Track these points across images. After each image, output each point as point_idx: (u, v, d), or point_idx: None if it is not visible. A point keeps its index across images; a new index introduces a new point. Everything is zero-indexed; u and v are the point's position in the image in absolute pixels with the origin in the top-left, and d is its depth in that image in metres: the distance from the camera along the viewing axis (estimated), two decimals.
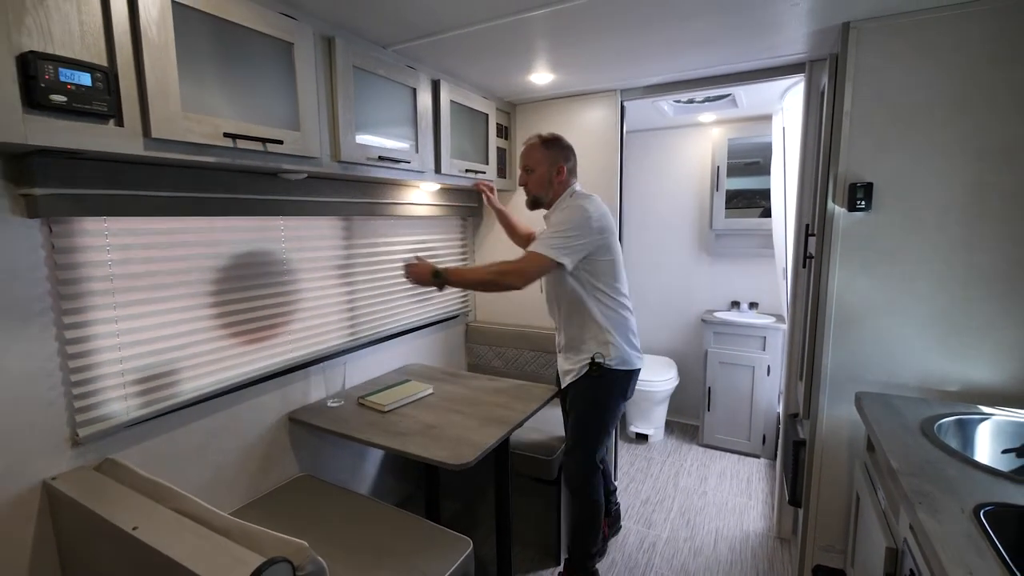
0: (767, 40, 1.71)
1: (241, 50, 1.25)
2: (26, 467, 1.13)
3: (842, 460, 1.63)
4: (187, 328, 1.43)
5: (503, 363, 2.65)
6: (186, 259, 1.42)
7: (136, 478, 1.16)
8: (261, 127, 1.29)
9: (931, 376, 1.48)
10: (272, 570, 0.78)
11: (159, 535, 0.92)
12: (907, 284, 1.49)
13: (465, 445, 1.47)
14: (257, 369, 1.63)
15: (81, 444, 1.22)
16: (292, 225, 1.75)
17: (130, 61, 1.02)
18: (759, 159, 3.07)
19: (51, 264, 1.14)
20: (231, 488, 1.58)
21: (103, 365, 1.25)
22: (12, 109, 0.86)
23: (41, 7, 0.89)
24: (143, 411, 1.33)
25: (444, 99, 2.00)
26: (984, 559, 0.70)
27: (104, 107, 0.96)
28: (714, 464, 2.88)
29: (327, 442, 1.91)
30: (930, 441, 1.08)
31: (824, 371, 1.61)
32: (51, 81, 0.89)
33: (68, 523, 1.14)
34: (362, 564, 1.29)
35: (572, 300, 1.70)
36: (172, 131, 1.08)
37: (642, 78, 2.18)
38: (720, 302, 3.31)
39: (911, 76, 1.44)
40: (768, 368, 2.86)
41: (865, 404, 1.35)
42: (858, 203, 1.51)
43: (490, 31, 1.61)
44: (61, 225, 1.15)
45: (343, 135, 1.55)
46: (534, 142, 1.75)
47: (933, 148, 1.43)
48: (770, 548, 2.12)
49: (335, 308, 1.94)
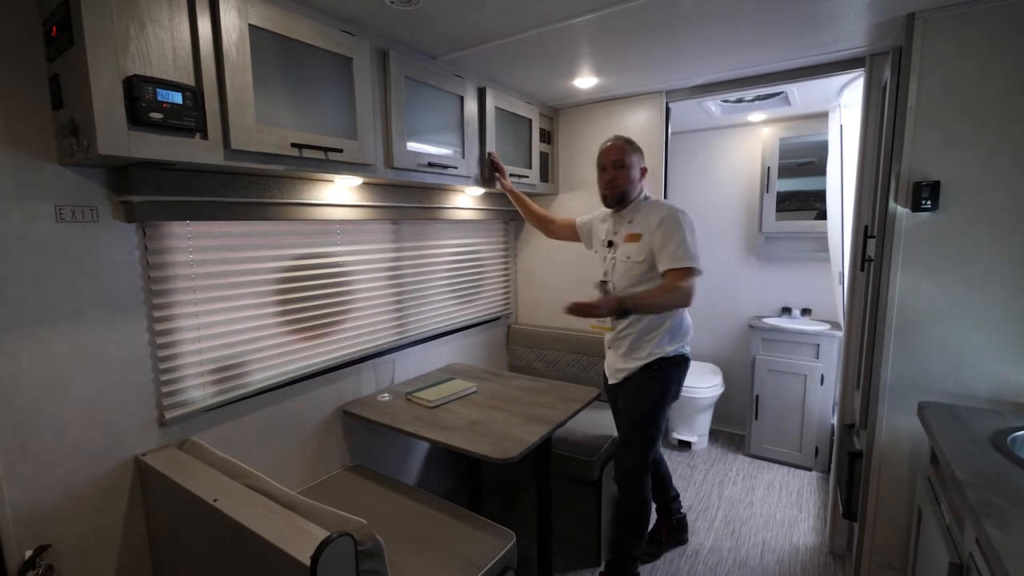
0: (823, 35, 1.66)
1: (306, 66, 1.35)
2: (121, 443, 1.27)
3: (902, 473, 1.55)
4: (255, 324, 1.56)
5: (544, 365, 2.68)
6: (254, 260, 1.55)
7: (214, 457, 1.27)
8: (323, 137, 1.39)
9: (1004, 387, 1.39)
10: (337, 542, 0.85)
11: (235, 507, 1.02)
12: (978, 288, 1.41)
13: (508, 441, 1.51)
14: (314, 364, 1.75)
15: (167, 425, 1.35)
16: (347, 229, 1.85)
17: (214, 80, 1.13)
18: (813, 159, 2.95)
19: (144, 263, 1.28)
20: (291, 472, 1.69)
21: (185, 355, 1.38)
22: (120, 127, 0.98)
23: (142, 35, 1.01)
24: (218, 398, 1.46)
25: (489, 106, 2.06)
26: None
27: (192, 122, 1.08)
28: (761, 475, 2.79)
29: (376, 434, 2.00)
30: (1002, 454, 1.03)
31: (883, 380, 1.54)
32: (150, 101, 1.00)
33: (156, 494, 1.27)
34: (410, 548, 1.36)
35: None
36: (248, 142, 1.19)
37: (688, 79, 2.17)
38: (769, 308, 3.20)
39: (984, 67, 1.37)
40: (822, 377, 2.75)
41: (929, 415, 1.29)
42: (923, 203, 1.44)
43: (535, 39, 1.65)
44: (153, 228, 1.29)
45: (396, 143, 1.63)
46: (621, 142, 1.77)
47: (1009, 143, 1.35)
48: (822, 563, 2.03)
49: (385, 308, 2.04)
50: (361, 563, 0.91)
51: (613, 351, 1.83)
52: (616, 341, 1.81)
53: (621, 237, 1.75)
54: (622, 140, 1.78)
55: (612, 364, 1.84)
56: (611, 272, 1.78)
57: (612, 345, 1.83)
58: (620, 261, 1.72)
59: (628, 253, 1.70)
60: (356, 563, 0.90)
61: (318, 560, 0.82)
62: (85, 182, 1.15)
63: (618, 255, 1.74)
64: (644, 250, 1.66)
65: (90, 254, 1.17)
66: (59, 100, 1.03)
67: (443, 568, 1.29)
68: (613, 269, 1.76)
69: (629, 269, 1.70)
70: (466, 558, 1.32)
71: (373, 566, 0.93)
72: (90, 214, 1.16)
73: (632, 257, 1.68)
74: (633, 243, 1.69)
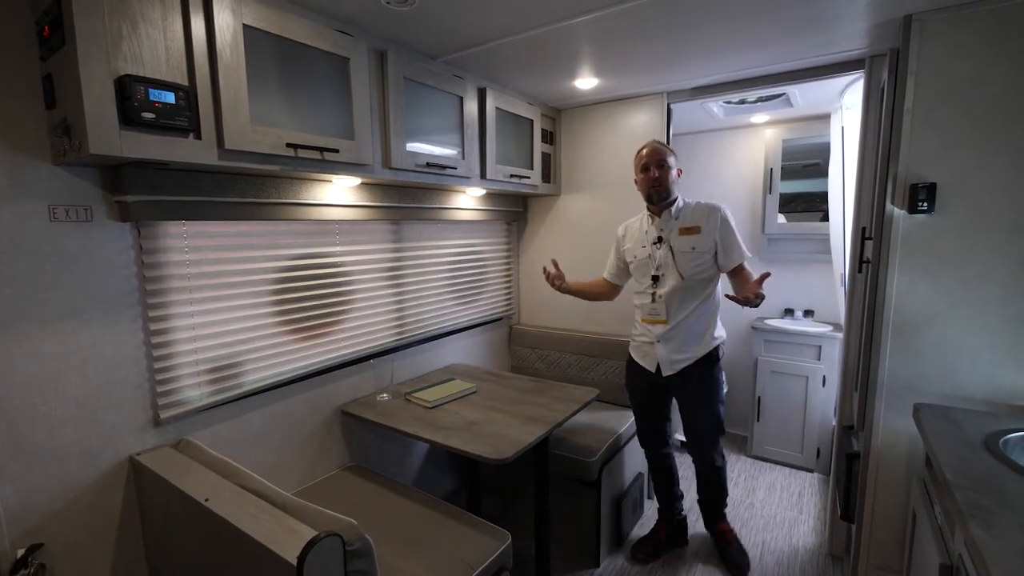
0: (823, 36, 1.65)
1: (301, 66, 1.36)
2: (116, 442, 1.27)
3: (899, 475, 1.54)
4: (251, 324, 1.56)
5: (546, 366, 2.68)
6: (251, 260, 1.55)
7: (208, 457, 1.28)
8: (319, 137, 1.39)
9: (1000, 389, 1.38)
10: (324, 542, 0.85)
11: (226, 507, 1.02)
12: (974, 290, 1.40)
13: (504, 441, 1.51)
14: (312, 364, 1.75)
15: (162, 425, 1.35)
16: (346, 229, 1.86)
17: (207, 80, 1.14)
18: (818, 161, 2.94)
19: (139, 263, 1.28)
20: (289, 472, 1.69)
21: (181, 355, 1.39)
22: (111, 127, 0.99)
23: (135, 35, 1.01)
24: (214, 398, 1.46)
25: (490, 106, 2.06)
26: None
27: (185, 122, 1.08)
28: (763, 476, 2.77)
29: (376, 435, 2.00)
30: (993, 456, 1.02)
31: (880, 381, 1.54)
32: (142, 100, 1.01)
33: (150, 494, 1.27)
34: (405, 548, 1.36)
35: (708, 293, 1.87)
36: (242, 142, 1.20)
37: (689, 80, 2.16)
38: (772, 309, 3.19)
39: (980, 69, 1.36)
40: (823, 379, 2.73)
41: (923, 416, 1.28)
42: (920, 205, 1.43)
43: (535, 39, 1.65)
44: (148, 228, 1.29)
45: (394, 143, 1.64)
46: (659, 145, 1.89)
47: (1006, 145, 1.34)
48: (820, 565, 2.02)
49: (385, 308, 2.04)
50: (349, 563, 0.91)
51: (663, 344, 1.89)
52: (669, 334, 1.87)
53: (674, 232, 1.86)
54: (660, 143, 1.90)
55: (666, 356, 1.89)
56: (667, 264, 1.86)
57: (663, 339, 1.88)
58: (681, 252, 1.84)
59: (692, 244, 1.83)
60: (344, 563, 0.90)
61: (304, 560, 0.82)
62: (79, 182, 1.16)
63: (677, 246, 1.84)
64: (708, 241, 1.81)
65: (84, 254, 1.18)
66: (52, 100, 1.04)
67: (437, 569, 1.29)
68: (673, 260, 1.85)
69: (695, 258, 1.82)
70: (460, 558, 1.32)
71: (362, 566, 0.93)
72: (84, 214, 1.16)
73: (697, 248, 1.82)
74: (693, 235, 1.83)
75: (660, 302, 1.86)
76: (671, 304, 1.86)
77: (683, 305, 1.85)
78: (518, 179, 2.27)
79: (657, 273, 1.87)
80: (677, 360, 1.88)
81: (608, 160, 2.50)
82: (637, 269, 1.96)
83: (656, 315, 1.88)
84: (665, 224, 1.88)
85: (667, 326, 1.86)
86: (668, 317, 1.86)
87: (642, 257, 1.93)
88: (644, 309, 1.92)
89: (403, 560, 1.32)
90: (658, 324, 1.88)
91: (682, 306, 1.85)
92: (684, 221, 1.86)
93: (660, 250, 1.87)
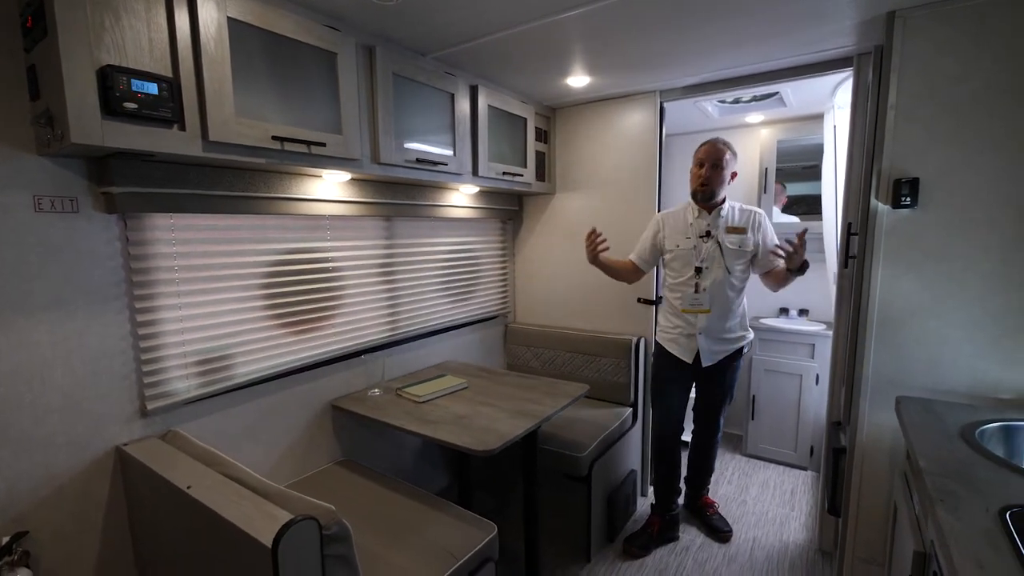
0: (811, 33, 1.66)
1: (288, 60, 1.37)
2: (103, 433, 1.28)
3: (883, 469, 1.54)
4: (240, 317, 1.57)
5: (541, 364, 2.68)
6: (240, 254, 1.56)
7: (195, 447, 1.29)
8: (306, 131, 1.40)
9: (982, 382, 1.38)
10: (300, 525, 0.86)
11: (208, 494, 1.03)
12: (956, 284, 1.40)
13: (491, 434, 1.52)
14: (303, 358, 1.76)
15: (149, 416, 1.37)
16: (337, 225, 1.87)
17: (191, 72, 1.15)
18: (818, 163, 2.92)
19: (125, 255, 1.29)
20: (279, 466, 1.70)
21: (168, 347, 1.39)
22: (93, 116, 1.00)
23: (117, 27, 1.03)
24: (202, 390, 1.47)
25: (482, 104, 2.07)
26: (999, 555, 0.67)
27: (169, 113, 1.10)
28: (756, 474, 2.78)
29: (368, 430, 2.01)
30: (968, 445, 1.03)
31: (865, 376, 1.54)
32: (124, 91, 1.02)
33: (136, 482, 1.28)
34: (390, 538, 1.37)
35: (743, 286, 2.03)
36: (227, 134, 1.21)
37: (681, 78, 2.17)
38: (767, 308, 3.19)
39: (963, 65, 1.36)
40: (817, 377, 2.74)
41: (904, 408, 1.28)
42: (903, 200, 1.44)
43: (525, 35, 1.66)
44: (134, 220, 1.30)
45: (383, 138, 1.65)
46: (721, 144, 1.97)
47: (986, 141, 1.35)
48: (810, 560, 2.03)
49: (377, 304, 2.05)
50: (327, 547, 0.91)
51: (704, 336, 2.00)
52: (712, 325, 1.99)
53: (721, 230, 1.98)
54: (722, 142, 1.98)
55: (707, 347, 2.02)
56: (714, 258, 1.97)
57: (704, 331, 1.99)
58: (729, 248, 1.96)
59: (739, 243, 1.96)
60: (321, 547, 0.90)
61: (279, 542, 0.83)
62: (65, 173, 1.17)
63: (725, 242, 1.97)
64: (751, 242, 1.97)
65: (70, 245, 1.19)
66: (36, 90, 1.05)
67: (421, 558, 1.30)
68: (721, 254, 1.96)
69: (740, 256, 1.97)
70: (445, 548, 1.33)
71: (339, 551, 0.94)
72: (70, 205, 1.17)
73: (742, 247, 1.96)
74: (739, 235, 1.97)
75: (704, 293, 1.97)
76: (715, 296, 1.96)
77: (726, 297, 1.97)
78: (511, 177, 2.28)
79: (701, 265, 1.97)
80: (717, 351, 2.02)
81: (603, 159, 2.51)
82: (677, 259, 2.03)
83: (699, 305, 1.98)
84: (714, 221, 1.99)
85: (710, 316, 1.97)
86: (712, 307, 1.97)
87: (686, 248, 2.01)
88: (686, 299, 2.00)
89: (387, 549, 1.33)
90: (702, 314, 1.98)
91: (726, 298, 1.97)
92: (731, 221, 1.99)
93: (708, 244, 1.97)
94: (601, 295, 2.52)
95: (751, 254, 1.98)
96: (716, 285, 1.96)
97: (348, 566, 0.97)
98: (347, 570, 0.96)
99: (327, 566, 0.93)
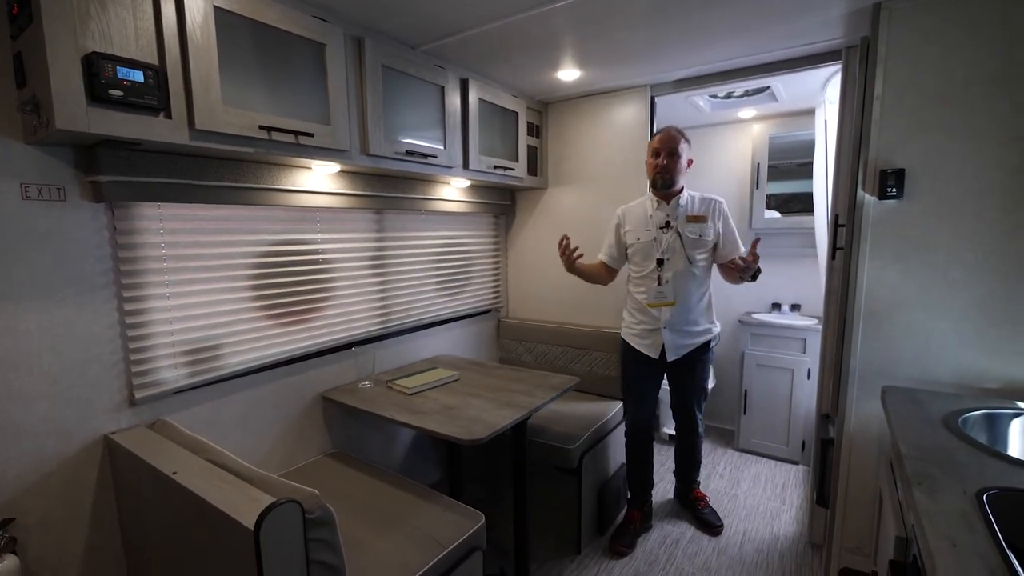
0: (799, 24, 1.67)
1: (276, 50, 1.37)
2: (91, 421, 1.29)
3: (870, 460, 1.55)
4: (230, 308, 1.57)
5: (533, 358, 2.69)
6: (229, 245, 1.56)
7: (183, 436, 1.29)
8: (293, 121, 1.40)
9: (968, 372, 1.39)
10: (282, 508, 0.87)
11: (193, 479, 1.03)
12: (941, 275, 1.41)
13: (480, 424, 1.52)
14: (293, 350, 1.76)
15: (137, 405, 1.37)
16: (327, 217, 1.87)
17: (177, 60, 1.15)
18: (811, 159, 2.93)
19: (113, 244, 1.30)
20: (269, 458, 1.70)
21: (156, 336, 1.40)
22: (78, 103, 1.00)
23: (103, 14, 1.03)
24: (191, 380, 1.47)
25: (472, 97, 2.07)
26: (974, 535, 0.68)
27: (155, 101, 1.10)
28: (748, 469, 2.78)
29: (359, 422, 2.02)
30: (950, 432, 1.03)
31: (853, 367, 1.55)
32: (110, 78, 1.02)
33: (124, 470, 1.29)
34: (377, 526, 1.38)
35: (706, 277, 2.00)
36: (213, 123, 1.21)
37: (671, 71, 2.18)
38: (760, 304, 3.20)
39: (948, 55, 1.37)
40: (808, 371, 2.74)
41: (889, 397, 1.29)
42: (889, 190, 1.45)
43: (513, 27, 1.66)
44: (122, 209, 1.30)
45: (372, 130, 1.65)
46: (675, 133, 1.94)
47: (971, 130, 1.36)
48: (800, 552, 2.03)
49: (367, 297, 2.05)
50: (310, 531, 0.92)
51: (669, 330, 1.96)
52: (676, 319, 1.95)
53: (681, 219, 1.95)
54: (674, 130, 1.95)
55: (673, 342, 1.98)
56: (675, 249, 1.94)
57: (669, 325, 1.96)
58: (689, 237, 1.94)
59: (699, 232, 1.94)
60: (304, 531, 0.91)
61: (261, 525, 0.83)
62: (52, 161, 1.17)
63: (685, 231, 1.94)
64: (712, 230, 1.95)
65: (57, 233, 1.19)
66: (23, 77, 1.05)
67: (407, 545, 1.30)
68: (682, 245, 1.94)
69: (700, 245, 1.94)
70: (432, 536, 1.34)
71: (323, 535, 0.94)
72: (57, 193, 1.18)
73: (703, 236, 1.94)
74: (699, 223, 1.94)
75: (667, 285, 1.94)
76: (678, 287, 1.94)
77: (689, 289, 1.95)
78: (502, 171, 2.28)
79: (663, 257, 1.94)
80: (683, 345, 1.99)
81: (594, 154, 2.51)
82: (638, 252, 2.01)
83: (663, 298, 1.95)
84: (673, 211, 1.96)
85: (675, 309, 1.94)
86: (676, 299, 1.94)
87: (646, 240, 1.98)
88: (650, 293, 1.96)
89: (374, 536, 1.33)
90: (666, 307, 1.95)
91: (689, 290, 1.95)
92: (691, 210, 1.96)
93: (667, 234, 1.94)
94: (594, 289, 2.51)
95: (712, 243, 1.96)
96: (678, 276, 1.93)
97: (332, 550, 0.97)
98: (331, 554, 0.97)
99: (310, 550, 0.93)
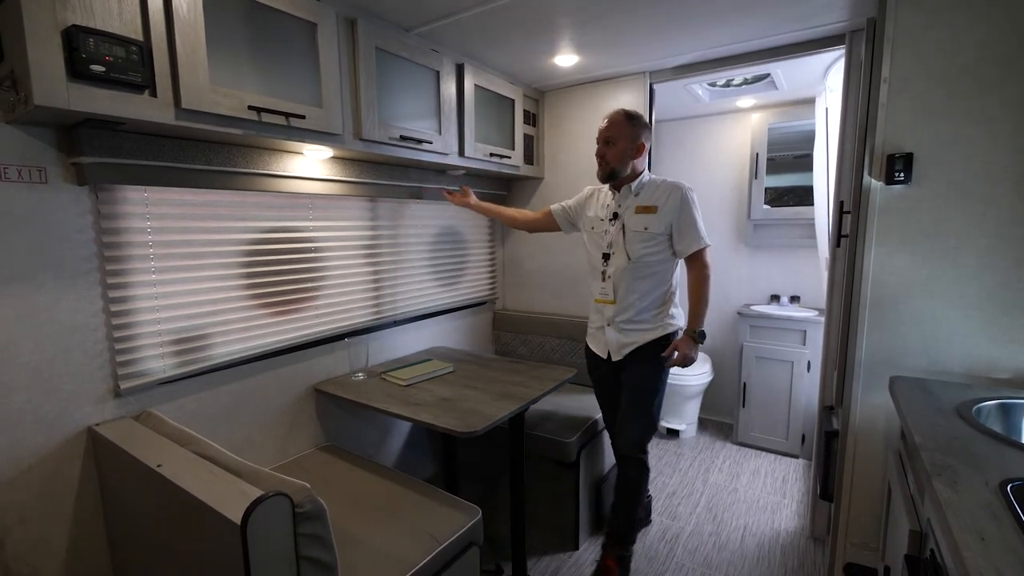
0: (802, 6, 1.63)
1: (267, 29, 1.32)
2: (74, 412, 1.24)
3: (877, 452, 1.52)
4: (219, 296, 1.53)
5: (529, 350, 2.66)
6: (218, 231, 1.51)
7: (169, 428, 1.25)
8: (284, 102, 1.36)
9: (978, 362, 1.36)
10: (270, 502, 0.83)
11: (179, 472, 0.99)
12: (951, 262, 1.38)
13: (476, 416, 1.49)
14: (284, 340, 1.72)
15: (122, 396, 1.32)
16: (320, 204, 1.82)
17: (163, 36, 1.10)
18: (809, 152, 2.90)
19: (97, 228, 1.25)
20: (260, 450, 1.66)
21: (142, 324, 1.35)
22: (58, 78, 0.95)
23: None
24: (178, 370, 1.43)
25: (468, 83, 2.03)
26: (1001, 527, 0.64)
27: (139, 78, 1.05)
28: (748, 462, 2.76)
29: (353, 415, 1.97)
30: (965, 422, 1.00)
31: (858, 357, 1.51)
32: (91, 53, 0.97)
33: (108, 462, 1.24)
34: (372, 522, 1.34)
35: (660, 273, 1.76)
36: (200, 102, 1.16)
37: (670, 58, 2.13)
38: (759, 296, 3.18)
39: (957, 36, 1.33)
40: (808, 364, 2.72)
41: (898, 387, 1.26)
42: (896, 175, 1.41)
43: (510, 8, 1.61)
44: (106, 192, 1.25)
45: (365, 113, 1.60)
46: (618, 116, 1.74)
47: (981, 113, 1.32)
48: (802, 547, 2.01)
49: (360, 287, 2.01)
50: (300, 525, 0.88)
51: (612, 328, 1.80)
52: (618, 317, 1.78)
53: (630, 210, 1.75)
54: (618, 113, 1.75)
55: (615, 339, 1.80)
56: (617, 243, 1.76)
57: (612, 322, 1.79)
58: (633, 231, 1.73)
59: (645, 224, 1.72)
60: (294, 525, 0.87)
61: (248, 519, 0.79)
62: (33, 142, 1.12)
63: (630, 225, 1.74)
64: (663, 223, 1.70)
65: (38, 216, 1.14)
66: (1, 52, 1.00)
67: (402, 540, 1.27)
68: (624, 240, 1.75)
69: (646, 239, 1.72)
70: (427, 531, 1.30)
71: (314, 529, 0.90)
72: (38, 175, 1.13)
73: (651, 228, 1.71)
74: (649, 215, 1.72)
75: (608, 282, 1.78)
76: (619, 285, 1.76)
77: (631, 287, 1.75)
78: (498, 159, 2.24)
79: (608, 251, 1.79)
80: (626, 344, 1.78)
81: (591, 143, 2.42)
82: (591, 241, 1.86)
83: (605, 295, 1.80)
84: (623, 200, 1.78)
85: (616, 307, 1.77)
86: (616, 298, 1.77)
87: (598, 231, 1.83)
88: (595, 288, 1.84)
89: (368, 532, 1.29)
90: (608, 305, 1.80)
91: (630, 288, 1.75)
92: (643, 199, 1.75)
93: (613, 227, 1.78)
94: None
95: (664, 236, 1.71)
96: (620, 273, 1.75)
97: (323, 546, 0.93)
98: (322, 550, 0.93)
99: (300, 545, 0.89)
